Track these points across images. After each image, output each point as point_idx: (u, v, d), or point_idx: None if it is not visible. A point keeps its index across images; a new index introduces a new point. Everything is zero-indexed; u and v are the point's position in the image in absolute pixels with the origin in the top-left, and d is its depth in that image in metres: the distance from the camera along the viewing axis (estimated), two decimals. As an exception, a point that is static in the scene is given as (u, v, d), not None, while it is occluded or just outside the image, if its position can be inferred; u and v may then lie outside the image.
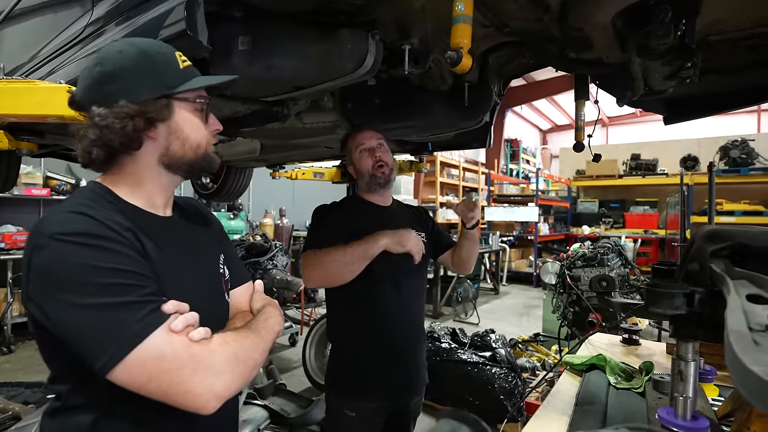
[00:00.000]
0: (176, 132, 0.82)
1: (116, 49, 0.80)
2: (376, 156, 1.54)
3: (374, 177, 1.53)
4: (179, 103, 0.82)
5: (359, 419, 1.48)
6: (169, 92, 0.80)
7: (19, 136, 1.92)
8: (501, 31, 1.37)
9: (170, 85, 0.80)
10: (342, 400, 1.52)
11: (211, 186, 3.54)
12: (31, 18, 1.92)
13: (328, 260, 1.40)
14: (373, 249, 1.37)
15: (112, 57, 0.78)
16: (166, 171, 0.84)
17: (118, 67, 0.77)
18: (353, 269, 1.38)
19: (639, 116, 14.28)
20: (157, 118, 0.79)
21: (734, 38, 1.32)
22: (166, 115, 0.80)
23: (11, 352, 4.12)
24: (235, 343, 0.75)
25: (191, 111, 0.84)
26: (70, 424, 0.75)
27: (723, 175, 7.51)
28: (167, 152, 0.82)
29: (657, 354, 1.52)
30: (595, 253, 2.84)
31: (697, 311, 0.73)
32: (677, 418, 0.80)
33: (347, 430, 1.51)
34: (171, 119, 0.81)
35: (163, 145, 0.82)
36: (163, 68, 0.81)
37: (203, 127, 0.86)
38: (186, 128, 0.83)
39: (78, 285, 0.66)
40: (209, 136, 0.88)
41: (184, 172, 0.87)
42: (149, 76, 0.79)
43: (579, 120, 1.54)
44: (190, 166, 0.86)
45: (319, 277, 1.46)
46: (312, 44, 1.16)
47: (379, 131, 1.60)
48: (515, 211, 9.12)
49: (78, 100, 0.79)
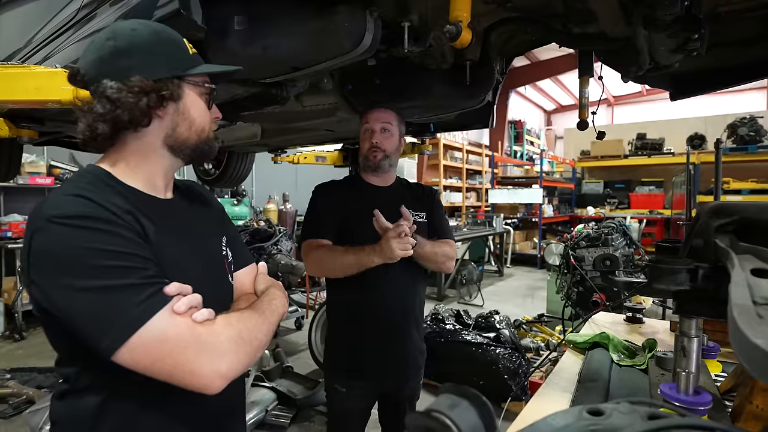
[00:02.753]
0: (184, 114, 0.83)
1: (129, 26, 0.79)
2: (373, 141, 1.53)
3: (366, 159, 1.55)
4: (189, 86, 0.83)
5: (348, 395, 1.53)
6: (182, 74, 0.81)
7: (20, 124, 1.92)
8: (503, 7, 1.34)
9: (182, 67, 0.81)
10: (334, 376, 1.58)
11: (214, 172, 3.53)
12: (26, 3, 1.90)
13: (325, 259, 1.48)
14: (367, 264, 1.39)
15: (125, 33, 0.78)
16: (169, 153, 0.84)
17: (133, 44, 0.77)
18: (347, 272, 1.44)
19: (645, 95, 14.05)
20: (169, 97, 0.79)
21: (743, 9, 1.28)
22: (177, 95, 0.81)
23: (23, 339, 4.19)
24: (239, 323, 0.75)
25: (199, 95, 0.85)
26: (78, 406, 0.76)
27: (730, 153, 7.41)
28: (173, 133, 0.83)
29: (661, 332, 1.52)
30: (599, 233, 2.82)
31: (700, 287, 0.73)
32: (679, 393, 0.80)
33: (338, 405, 1.58)
34: (181, 100, 0.82)
35: (170, 126, 0.82)
36: (174, 50, 0.82)
37: (208, 112, 0.88)
38: (193, 111, 0.84)
39: (78, 268, 0.66)
40: (212, 122, 0.89)
41: (186, 155, 0.87)
42: (163, 55, 0.79)
43: (583, 97, 1.51)
44: (192, 150, 0.86)
45: (317, 271, 1.65)
46: (308, 22, 1.13)
47: (393, 111, 1.57)
48: (519, 192, 9.07)
49: (83, 73, 0.78)
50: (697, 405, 0.78)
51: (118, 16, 1.13)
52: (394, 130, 1.56)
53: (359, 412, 1.58)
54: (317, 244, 1.50)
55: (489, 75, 1.59)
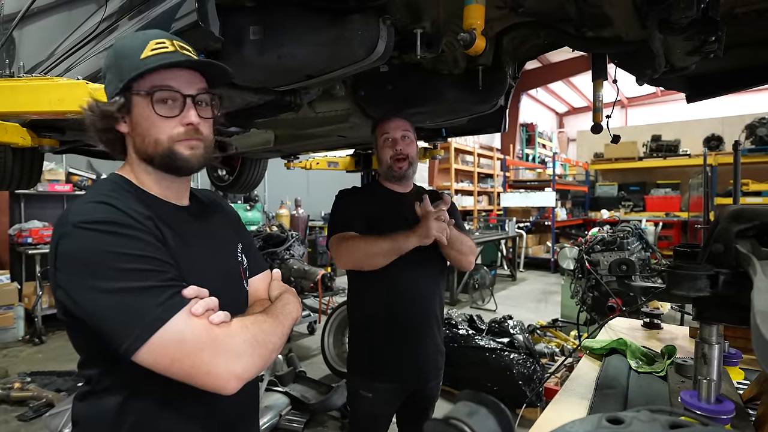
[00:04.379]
0: (136, 128, 0.81)
1: (113, 44, 0.84)
2: (397, 148, 1.54)
3: (391, 169, 1.56)
4: (137, 96, 0.78)
5: (376, 399, 1.52)
6: (124, 84, 0.77)
7: (41, 133, 1.97)
8: (515, 12, 1.34)
9: (124, 78, 0.77)
10: (359, 380, 1.57)
11: (227, 178, 3.58)
12: (49, 16, 1.96)
13: (359, 246, 1.45)
14: (403, 247, 1.41)
15: (109, 52, 0.83)
16: (149, 166, 0.83)
17: (107, 63, 0.81)
18: (382, 259, 1.43)
19: (660, 96, 13.85)
20: (117, 116, 0.80)
21: (762, 9, 1.26)
22: (124, 111, 0.80)
23: (43, 343, 4.28)
24: (254, 326, 0.77)
25: (148, 105, 0.78)
26: (99, 406, 0.78)
27: (749, 155, 7.25)
28: (140, 147, 0.82)
29: (680, 338, 1.49)
30: (614, 237, 2.78)
31: (721, 293, 0.71)
32: (701, 401, 0.79)
33: (365, 410, 1.56)
34: (130, 114, 0.80)
35: (134, 141, 0.83)
36: (123, 60, 0.78)
37: (163, 121, 0.79)
38: (143, 123, 0.79)
39: (101, 271, 0.68)
40: (174, 131, 0.80)
41: (162, 167, 0.82)
42: (114, 71, 0.80)
43: (597, 101, 1.50)
44: (159, 163, 0.81)
45: (349, 261, 1.50)
46: (322, 31, 1.15)
47: (407, 119, 1.59)
48: (532, 196, 8.99)
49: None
50: (719, 413, 0.76)
51: (137, 29, 1.16)
52: (412, 137, 1.58)
53: (386, 417, 1.58)
54: (348, 236, 1.49)
55: (501, 79, 1.59)
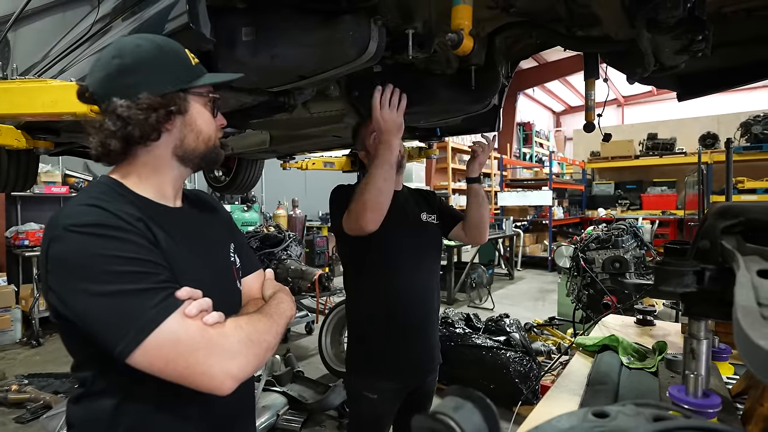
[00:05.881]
0: (191, 125, 0.86)
1: (133, 43, 0.82)
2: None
3: None
4: (194, 97, 0.86)
5: (381, 401, 1.50)
6: (187, 86, 0.84)
7: (36, 135, 1.97)
8: (507, 12, 1.35)
9: (186, 80, 0.84)
10: (362, 382, 1.54)
11: (224, 179, 3.58)
12: (42, 18, 1.96)
13: (366, 194, 1.33)
14: (388, 158, 1.33)
15: (130, 50, 0.80)
16: (179, 163, 0.88)
17: (138, 60, 0.79)
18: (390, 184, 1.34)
19: (655, 94, 13.90)
20: (177, 111, 0.82)
21: (750, 8, 1.27)
22: (184, 108, 0.84)
23: (40, 345, 4.27)
24: (248, 326, 0.77)
25: (203, 105, 0.88)
26: (93, 409, 0.78)
27: (744, 152, 7.27)
28: (182, 144, 0.86)
29: (672, 334, 1.51)
30: (609, 235, 2.80)
31: (707, 289, 0.72)
32: (688, 395, 0.80)
33: (369, 411, 1.53)
34: (187, 113, 0.85)
35: (178, 137, 0.85)
36: (178, 63, 0.84)
37: (213, 121, 0.91)
38: (200, 121, 0.87)
39: (93, 274, 0.68)
40: (217, 130, 0.93)
41: (195, 164, 0.90)
42: (168, 70, 0.82)
43: (589, 100, 1.51)
44: (201, 158, 0.90)
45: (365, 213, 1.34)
46: (314, 32, 1.16)
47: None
48: (529, 195, 9.01)
49: (92, 91, 0.81)
50: (705, 407, 0.77)
51: (131, 30, 1.17)
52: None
53: (389, 417, 1.57)
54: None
55: (494, 79, 1.60)
